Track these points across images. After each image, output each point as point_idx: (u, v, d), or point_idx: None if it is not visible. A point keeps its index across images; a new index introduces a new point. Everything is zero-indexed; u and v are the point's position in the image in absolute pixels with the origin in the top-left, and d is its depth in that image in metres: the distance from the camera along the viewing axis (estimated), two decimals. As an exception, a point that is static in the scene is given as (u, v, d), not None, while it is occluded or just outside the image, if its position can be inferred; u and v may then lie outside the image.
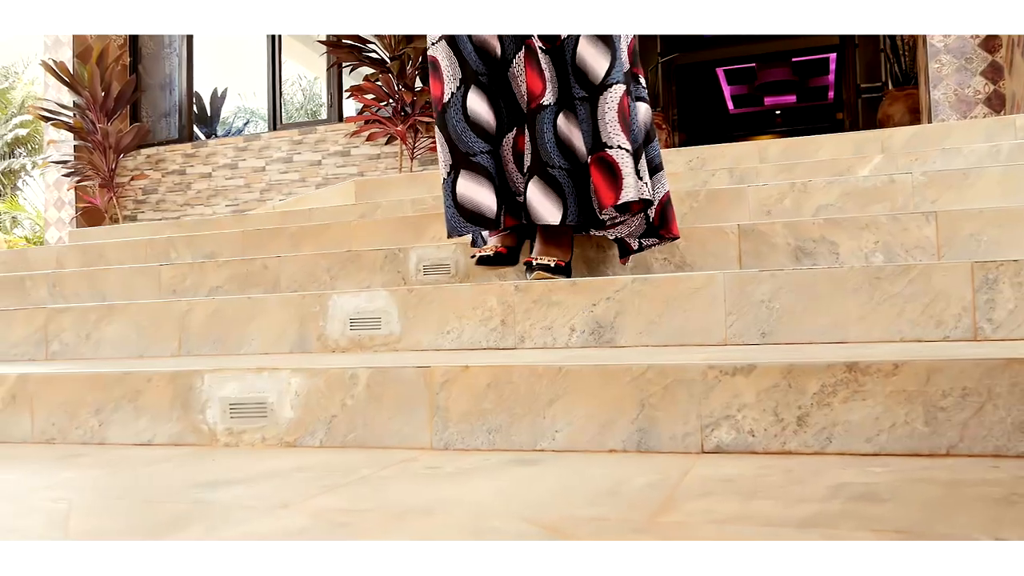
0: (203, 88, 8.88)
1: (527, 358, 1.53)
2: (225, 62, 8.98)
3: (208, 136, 8.76)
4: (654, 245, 2.23)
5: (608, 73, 1.95)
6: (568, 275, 2.10)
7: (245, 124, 9.00)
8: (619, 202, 1.93)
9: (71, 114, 7.85)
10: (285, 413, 1.55)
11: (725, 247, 2.18)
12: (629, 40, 2.09)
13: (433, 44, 2.03)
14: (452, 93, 2.01)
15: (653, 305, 1.80)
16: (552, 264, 2.06)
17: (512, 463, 1.27)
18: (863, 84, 10.35)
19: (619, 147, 1.93)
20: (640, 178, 1.99)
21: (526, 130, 2.02)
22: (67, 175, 7.99)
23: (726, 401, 1.27)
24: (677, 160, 3.74)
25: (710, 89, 14.14)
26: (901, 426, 1.19)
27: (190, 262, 2.95)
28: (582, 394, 1.35)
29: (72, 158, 8.06)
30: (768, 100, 15.34)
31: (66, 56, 8.23)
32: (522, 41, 2.04)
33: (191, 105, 8.68)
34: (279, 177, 7.85)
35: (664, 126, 10.00)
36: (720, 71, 13.60)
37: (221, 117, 9.08)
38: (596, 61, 1.95)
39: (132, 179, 8.32)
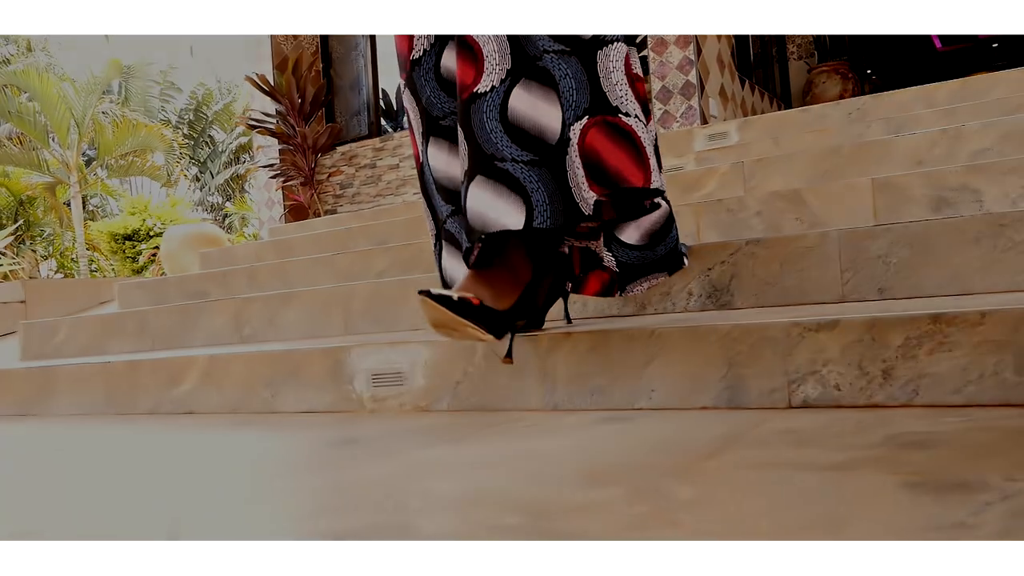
0: (389, 84, 9.43)
1: (646, 323, 1.60)
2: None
3: (395, 129, 9.30)
4: (652, 284, 1.73)
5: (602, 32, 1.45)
6: (493, 325, 1.40)
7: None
8: (650, 186, 1.45)
9: (273, 121, 8.63)
10: (417, 381, 1.73)
11: (859, 204, 2.12)
12: None
13: (401, 92, 1.62)
14: (423, 151, 1.61)
15: (768, 267, 1.81)
16: (461, 298, 1.36)
17: (602, 421, 1.37)
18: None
19: (637, 117, 1.46)
20: (660, 167, 1.54)
21: (459, 132, 1.49)
22: (273, 177, 8.80)
23: (811, 357, 1.30)
24: (834, 114, 3.58)
25: (908, 28, 13.04)
26: (990, 376, 1.17)
27: (365, 249, 3.24)
28: (674, 355, 1.42)
29: (277, 161, 8.86)
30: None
31: (266, 68, 9.03)
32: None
33: (377, 102, 9.26)
34: (458, 162, 8.20)
35: (851, 75, 9.43)
36: (919, 7, 12.50)
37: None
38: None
39: (329, 176, 9.03)
